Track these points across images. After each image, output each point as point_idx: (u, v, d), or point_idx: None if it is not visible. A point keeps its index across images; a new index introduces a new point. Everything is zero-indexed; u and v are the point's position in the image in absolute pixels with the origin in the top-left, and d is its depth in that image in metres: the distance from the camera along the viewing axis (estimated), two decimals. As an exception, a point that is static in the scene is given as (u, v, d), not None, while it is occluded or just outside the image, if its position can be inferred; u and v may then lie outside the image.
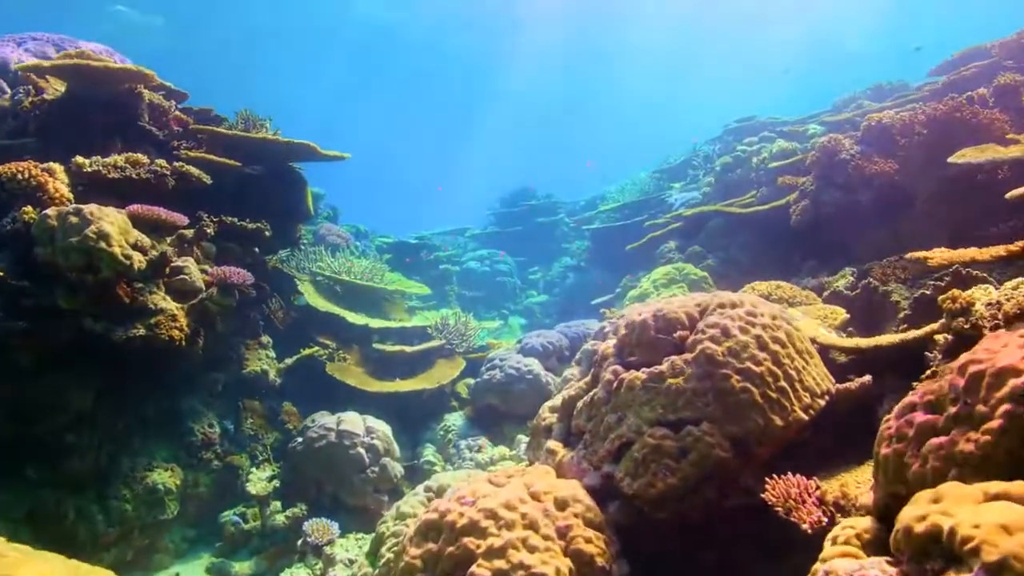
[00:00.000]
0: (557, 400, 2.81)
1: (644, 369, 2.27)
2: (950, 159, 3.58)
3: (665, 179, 10.43)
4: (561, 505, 2.04)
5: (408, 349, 4.66)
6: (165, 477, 3.68)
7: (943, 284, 2.92)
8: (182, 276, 3.04)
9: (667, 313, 2.39)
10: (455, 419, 4.35)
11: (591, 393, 2.42)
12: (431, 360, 4.86)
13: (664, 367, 2.21)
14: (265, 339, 4.44)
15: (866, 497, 1.90)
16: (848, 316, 3.10)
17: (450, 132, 40.85)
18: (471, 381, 4.83)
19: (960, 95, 4.04)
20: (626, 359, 2.42)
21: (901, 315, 3.11)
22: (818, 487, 1.94)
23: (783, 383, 2.16)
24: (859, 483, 2.08)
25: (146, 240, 2.92)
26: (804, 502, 1.88)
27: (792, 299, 3.41)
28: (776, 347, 2.22)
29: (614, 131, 38.58)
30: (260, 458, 4.19)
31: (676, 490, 2.03)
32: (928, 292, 3.00)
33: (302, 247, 5.44)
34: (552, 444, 2.54)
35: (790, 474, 1.98)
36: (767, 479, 1.96)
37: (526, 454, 2.81)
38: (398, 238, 9.04)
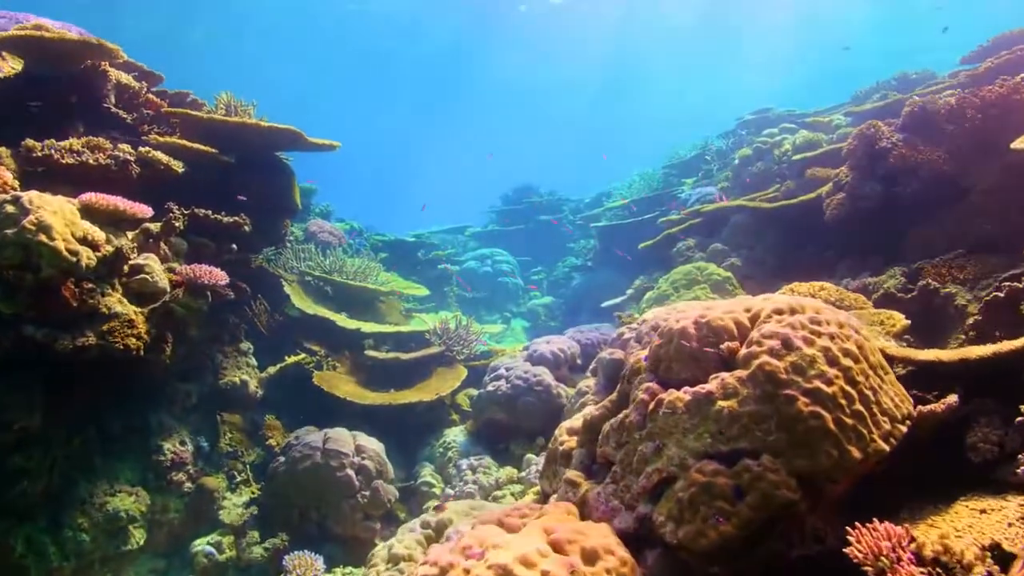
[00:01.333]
0: (576, 421, 2.45)
1: (687, 388, 1.91)
2: (1013, 145, 3.23)
3: (675, 174, 10.12)
4: (590, 558, 1.68)
5: (404, 356, 4.30)
6: (129, 502, 3.32)
7: (1022, 285, 2.57)
8: (142, 276, 2.67)
9: (711, 320, 2.03)
10: (456, 434, 3.99)
11: (620, 415, 2.05)
12: (429, 368, 4.50)
13: (712, 386, 1.85)
14: (245, 346, 4.07)
15: (971, 553, 1.55)
16: (908, 322, 2.75)
17: (449, 128, 40.49)
18: (473, 392, 4.47)
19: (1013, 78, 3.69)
20: (663, 375, 2.06)
21: (970, 320, 2.76)
22: (912, 539, 1.58)
23: (859, 406, 1.81)
24: (958, 531, 1.73)
25: (99, 234, 2.55)
26: (899, 560, 1.52)
27: (839, 302, 3.05)
28: (848, 362, 1.86)
29: (616, 127, 38.26)
30: (239, 479, 3.83)
31: (732, 540, 1.67)
32: (1002, 295, 2.65)
33: (289, 244, 5.08)
34: (573, 475, 2.18)
35: (875, 520, 1.62)
36: (847, 527, 1.61)
37: (540, 482, 2.45)
38: (394, 236, 8.68)
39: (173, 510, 3.55)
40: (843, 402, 1.79)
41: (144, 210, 2.85)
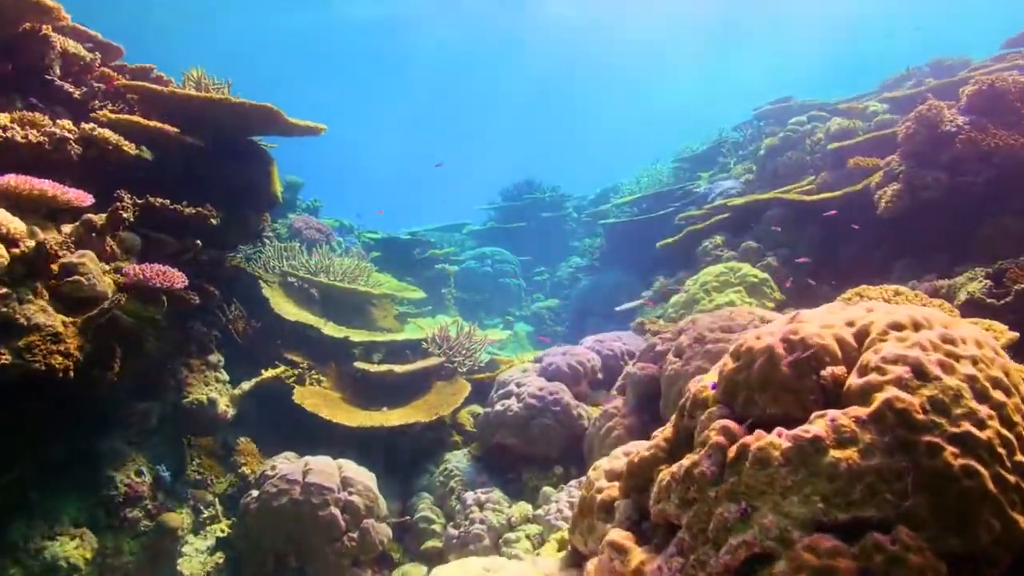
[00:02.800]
0: (617, 460, 1.99)
1: (782, 431, 1.44)
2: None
3: (687, 168, 9.70)
4: (664, 678, 1.22)
5: (398, 369, 3.83)
6: (71, 547, 2.84)
7: None
8: (76, 278, 2.20)
9: (807, 338, 1.57)
10: (458, 460, 3.53)
11: (686, 463, 1.59)
12: (427, 382, 4.04)
13: (819, 429, 1.39)
14: (215, 358, 3.59)
15: None
16: (1015, 335, 2.30)
17: (447, 123, 40.01)
18: (478, 409, 4.01)
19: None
20: (741, 409, 1.60)
21: (1093, 333, 2.32)
22: None
23: (1020, 456, 1.35)
24: None
25: (19, 227, 2.08)
26: None
27: (922, 310, 2.60)
28: (999, 395, 1.42)
29: (618, 124, 37.86)
30: (206, 514, 3.35)
31: (864, 651, 1.21)
32: None
33: (268, 241, 4.60)
34: (619, 537, 1.72)
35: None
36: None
37: (570, 537, 2.00)
38: (387, 233, 8.20)
39: (127, 553, 3.07)
40: (1001, 451, 1.34)
41: (81, 197, 2.38)
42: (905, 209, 3.80)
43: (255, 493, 2.98)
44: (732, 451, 1.49)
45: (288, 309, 4.19)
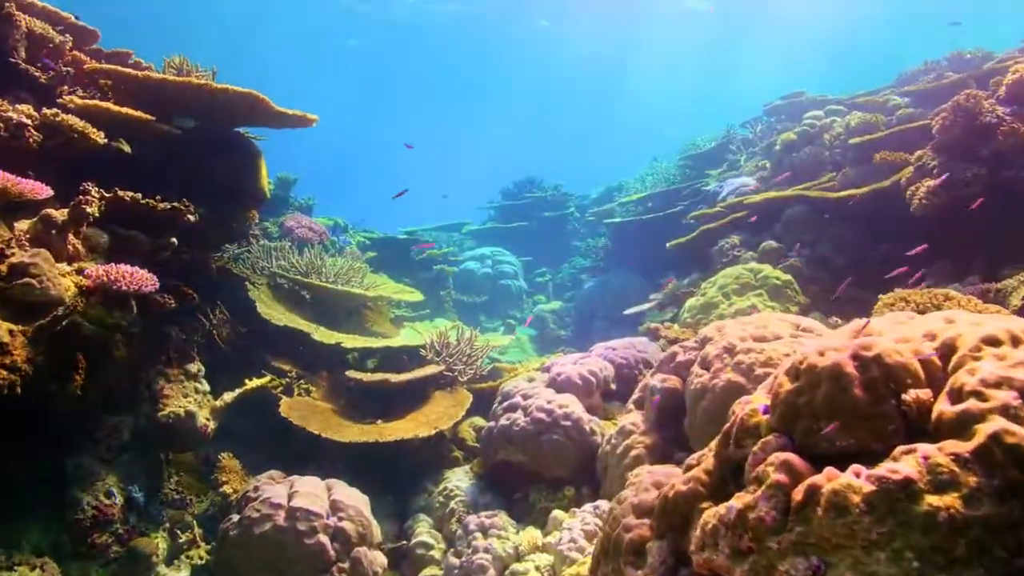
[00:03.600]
0: (646, 494, 1.75)
1: (860, 470, 1.20)
2: None
3: (693, 166, 9.49)
4: None
5: (394, 379, 3.59)
6: (30, 579, 2.58)
7: None
8: (27, 280, 1.96)
9: (883, 355, 1.32)
10: (459, 478, 3.28)
11: (738, 505, 1.34)
12: (425, 392, 3.79)
13: (911, 469, 1.15)
14: (194, 367, 3.35)
15: None
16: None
17: (445, 119, 39.74)
18: (480, 422, 3.77)
19: None
20: (802, 439, 1.36)
21: None
22: None
23: None
24: None
25: (-41, 220, 1.82)
26: None
27: (978, 317, 2.36)
28: None
29: (622, 121, 37.65)
30: (183, 538, 3.10)
31: None
32: None
33: (255, 240, 4.36)
34: (654, 588, 1.47)
35: None
36: None
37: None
38: (384, 233, 7.96)
39: (94, 583, 2.82)
40: None
41: (36, 189, 2.13)
42: (942, 207, 3.56)
43: (235, 518, 2.73)
44: (798, 493, 1.24)
45: (276, 313, 3.94)
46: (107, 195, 2.57)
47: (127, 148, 3.14)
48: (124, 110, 2.80)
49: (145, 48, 3.99)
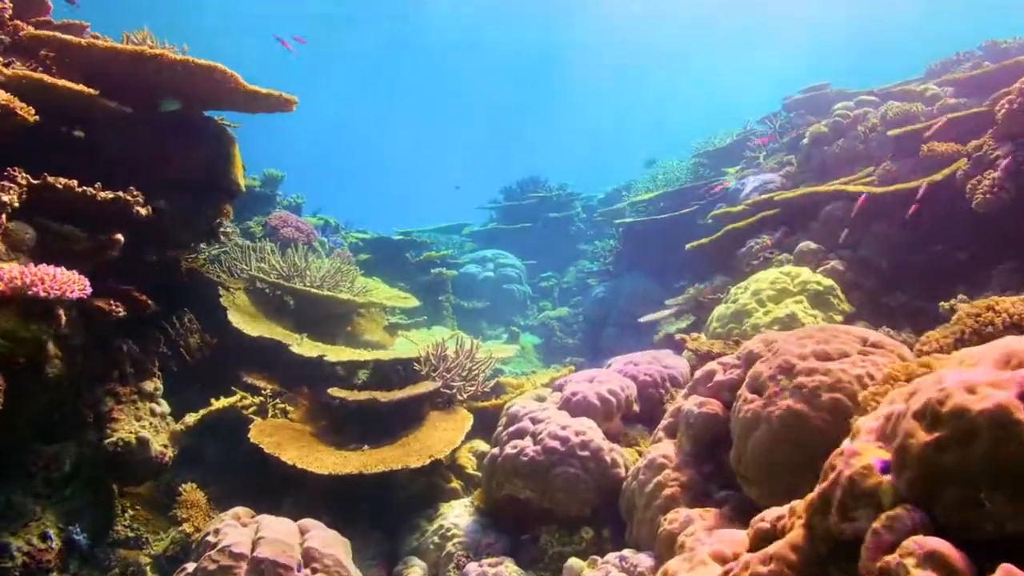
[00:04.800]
0: (704, 570, 1.33)
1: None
2: None
3: (708, 164, 9.14)
4: None
5: (383, 397, 3.18)
6: (-62, 645, 2.18)
7: None
8: (-94, 284, 1.55)
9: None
10: (458, 514, 2.87)
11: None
12: (420, 411, 3.39)
13: None
14: (150, 385, 2.94)
15: None
16: None
17: (445, 118, 39.43)
18: (482, 446, 3.37)
19: None
20: (951, 517, 0.95)
21: None
22: None
23: None
24: None
25: None
26: None
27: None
28: None
29: (627, 120, 37.33)
30: (134, 586, 2.69)
31: None
32: None
33: (226, 238, 3.96)
34: None
35: None
36: None
37: None
38: (378, 234, 7.56)
39: (23, 644, 2.41)
40: None
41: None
42: (1009, 202, 3.16)
43: (190, 568, 2.32)
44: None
45: (250, 322, 3.54)
46: (34, 181, 2.17)
47: (32, 117, 2.74)
48: (62, 83, 2.41)
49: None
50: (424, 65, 29.71)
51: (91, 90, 2.49)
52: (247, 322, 3.53)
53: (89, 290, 2.13)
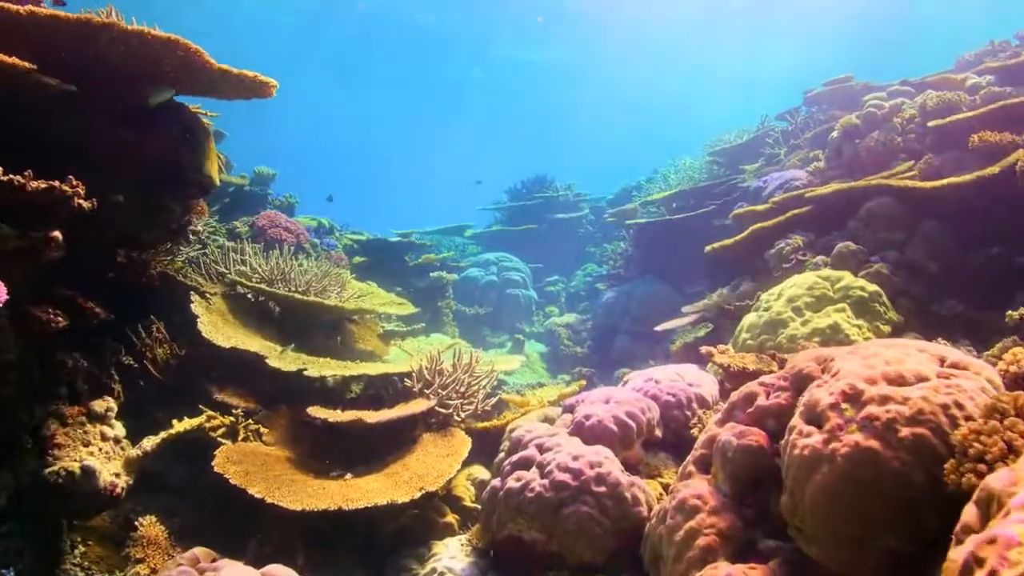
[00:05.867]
0: None
1: None
2: None
3: (724, 163, 8.82)
4: None
5: (370, 418, 2.84)
6: None
7: None
8: None
9: None
10: (452, 555, 2.52)
11: None
12: (412, 432, 3.04)
13: None
14: (101, 406, 2.61)
15: None
16: None
17: (447, 116, 39.15)
18: (480, 472, 3.02)
19: None
20: None
21: None
22: None
23: None
24: None
25: None
26: None
27: None
28: None
29: (632, 119, 36.94)
30: (77, 640, 2.35)
31: None
32: None
33: (197, 238, 3.64)
34: None
35: None
36: None
37: None
38: (374, 235, 7.23)
39: None
40: None
41: None
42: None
43: (132, 627, 1.98)
44: None
45: (225, 332, 3.21)
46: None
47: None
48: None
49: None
50: (428, 63, 29.45)
51: (24, 63, 2.16)
52: (221, 331, 3.20)
53: (4, 295, 1.79)
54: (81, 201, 2.18)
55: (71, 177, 2.17)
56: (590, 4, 21.21)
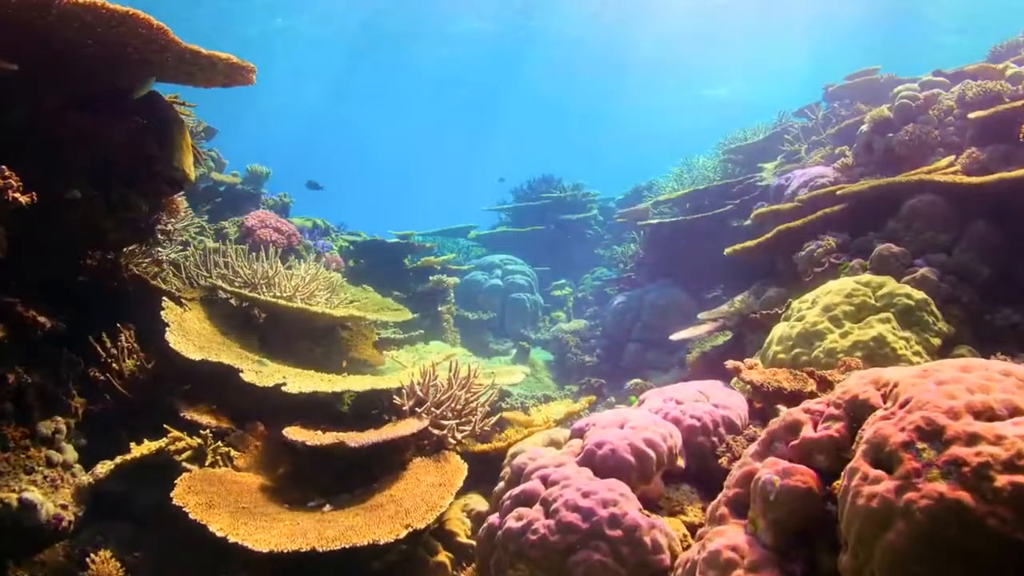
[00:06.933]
0: None
1: None
2: None
3: (739, 161, 8.53)
4: None
5: (353, 441, 2.55)
6: None
7: None
8: None
9: None
10: (444, 601, 2.22)
11: None
12: (400, 456, 2.76)
13: None
14: (48, 427, 2.35)
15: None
16: None
17: (454, 118, 38.92)
18: (477, 502, 2.72)
19: None
20: None
21: None
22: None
23: None
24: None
25: None
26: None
27: None
28: None
29: (638, 118, 36.57)
30: None
31: None
32: None
33: (168, 237, 3.37)
34: None
35: None
36: None
37: None
38: (371, 237, 6.96)
39: None
40: None
41: None
42: None
43: None
44: None
45: (196, 341, 2.93)
46: None
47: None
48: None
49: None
50: (432, 61, 29.21)
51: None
52: (192, 342, 2.92)
53: None
54: (17, 195, 1.91)
55: (3, 167, 1.89)
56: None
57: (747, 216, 6.02)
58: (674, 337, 4.48)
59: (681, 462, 2.30)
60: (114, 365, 3.00)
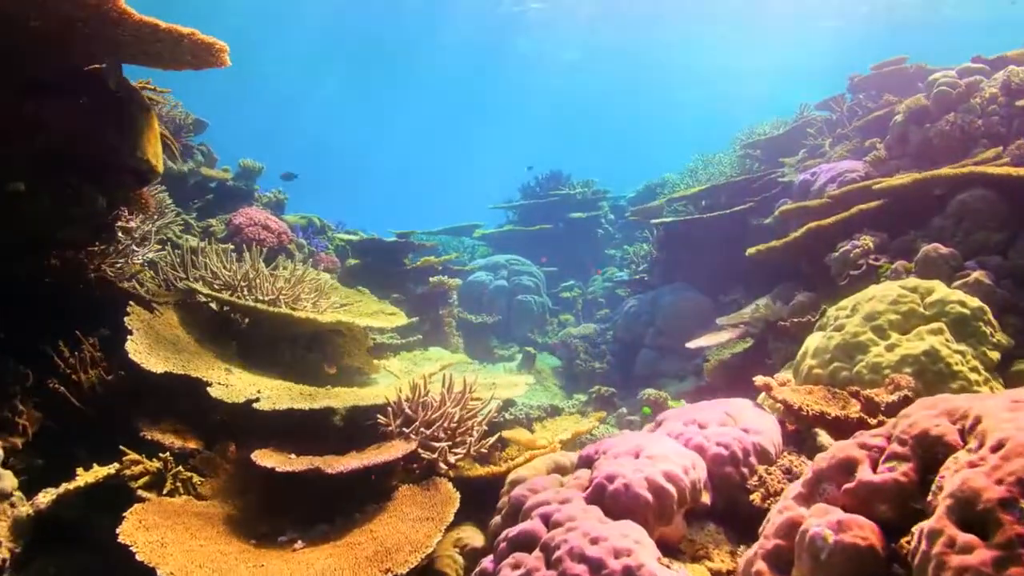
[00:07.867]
0: None
1: None
2: None
3: (758, 156, 8.22)
4: None
5: (331, 467, 2.28)
6: None
7: None
8: None
9: None
10: (431, 656, 1.94)
11: None
12: (386, 483, 2.48)
13: None
14: (-20, 451, 2.07)
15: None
16: None
17: (453, 115, 38.69)
18: (471, 536, 2.43)
19: None
20: None
21: None
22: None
23: None
24: None
25: None
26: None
27: None
28: None
29: (644, 118, 36.17)
30: None
31: None
32: None
33: (126, 237, 3.11)
34: None
35: None
36: None
37: None
38: (369, 235, 6.69)
39: None
40: None
41: None
42: None
43: None
44: None
45: (161, 352, 2.67)
46: None
47: None
48: None
49: None
50: (435, 60, 28.98)
51: None
52: (156, 352, 2.66)
53: None
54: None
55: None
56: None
57: (768, 214, 5.71)
58: (691, 345, 4.18)
59: (706, 497, 2.01)
60: (74, 377, 2.75)
